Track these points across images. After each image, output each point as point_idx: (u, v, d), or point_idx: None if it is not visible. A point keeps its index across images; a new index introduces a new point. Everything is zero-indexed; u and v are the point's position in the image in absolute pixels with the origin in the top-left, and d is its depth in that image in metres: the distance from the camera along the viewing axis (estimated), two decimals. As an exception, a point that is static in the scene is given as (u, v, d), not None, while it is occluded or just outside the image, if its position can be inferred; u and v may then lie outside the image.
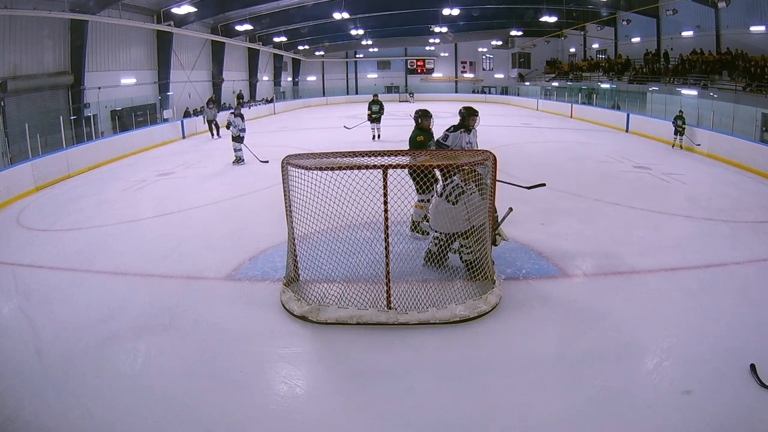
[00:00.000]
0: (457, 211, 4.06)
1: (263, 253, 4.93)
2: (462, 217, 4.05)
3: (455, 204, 4.07)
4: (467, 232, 4.08)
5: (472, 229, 4.04)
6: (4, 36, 10.70)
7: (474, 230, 4.03)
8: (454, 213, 4.07)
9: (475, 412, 2.67)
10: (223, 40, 20.11)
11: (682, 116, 12.01)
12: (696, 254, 4.81)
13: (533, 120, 18.12)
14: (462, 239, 4.15)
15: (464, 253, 4.19)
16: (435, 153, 4.68)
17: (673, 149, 11.68)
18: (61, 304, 4.09)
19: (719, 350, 3.15)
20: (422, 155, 4.30)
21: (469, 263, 4.13)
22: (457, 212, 4.06)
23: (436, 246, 4.27)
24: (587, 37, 24.59)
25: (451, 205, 4.09)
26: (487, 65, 31.43)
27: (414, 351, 3.26)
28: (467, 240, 4.10)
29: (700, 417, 2.59)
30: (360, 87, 32.28)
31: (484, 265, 3.98)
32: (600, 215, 6.14)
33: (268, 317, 3.71)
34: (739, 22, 14.82)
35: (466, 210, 4.04)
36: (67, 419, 2.69)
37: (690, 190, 7.61)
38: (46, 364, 3.21)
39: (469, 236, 4.07)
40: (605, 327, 3.49)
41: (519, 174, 6.20)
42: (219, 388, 2.90)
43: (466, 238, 4.10)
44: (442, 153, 4.63)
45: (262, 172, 8.97)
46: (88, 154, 10.93)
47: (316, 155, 3.97)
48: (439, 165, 4.07)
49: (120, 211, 7.03)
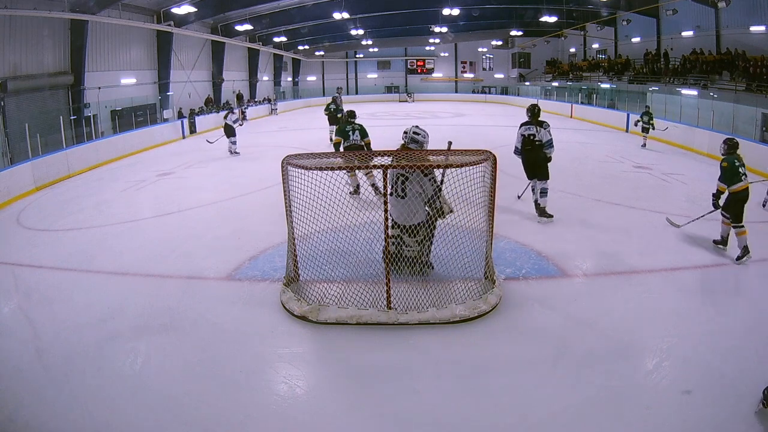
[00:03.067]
0: (406, 204, 4.05)
1: (263, 253, 4.93)
2: (411, 210, 4.04)
3: (404, 197, 4.06)
4: (413, 227, 4.07)
5: (418, 225, 4.06)
6: (4, 36, 10.70)
7: (420, 226, 4.06)
8: (404, 205, 4.06)
9: (475, 412, 2.67)
10: (223, 40, 20.11)
11: (649, 112, 11.93)
12: (696, 254, 4.81)
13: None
14: (406, 235, 4.12)
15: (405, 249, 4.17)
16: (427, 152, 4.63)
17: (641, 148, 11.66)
18: (61, 304, 4.09)
19: (719, 350, 3.15)
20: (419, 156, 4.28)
21: (408, 259, 4.13)
22: (405, 205, 4.05)
23: (393, 245, 4.19)
24: (587, 37, 24.59)
25: (400, 199, 4.08)
26: (487, 65, 31.44)
27: (414, 351, 3.26)
28: (411, 237, 4.10)
29: (700, 417, 2.59)
30: (360, 87, 32.28)
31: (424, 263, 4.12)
32: (600, 215, 6.14)
33: (268, 317, 3.71)
34: (739, 22, 14.81)
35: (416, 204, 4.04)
36: (67, 419, 2.69)
37: (690, 190, 7.61)
38: (46, 364, 3.22)
39: (415, 233, 4.08)
40: (605, 327, 3.49)
41: (519, 174, 6.20)
42: (219, 388, 2.90)
43: (411, 234, 4.09)
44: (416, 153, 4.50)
45: (262, 172, 8.97)
46: (88, 154, 10.94)
47: (316, 155, 3.97)
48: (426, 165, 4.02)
49: (120, 211, 7.03)
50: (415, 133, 4.59)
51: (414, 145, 4.56)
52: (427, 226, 4.09)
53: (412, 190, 4.04)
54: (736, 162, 4.90)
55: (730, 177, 4.85)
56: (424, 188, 4.04)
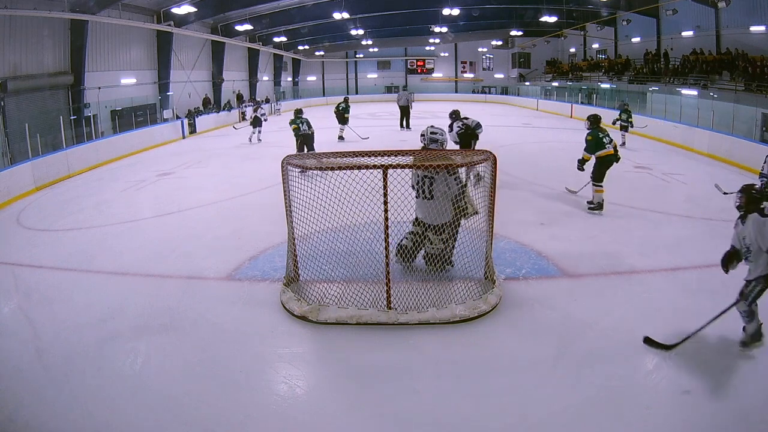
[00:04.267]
0: (434, 205, 4.08)
1: (263, 253, 4.93)
2: (439, 210, 4.07)
3: (431, 198, 4.09)
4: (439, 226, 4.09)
5: (444, 224, 4.08)
6: (4, 36, 10.69)
7: (446, 225, 4.08)
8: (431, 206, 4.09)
9: (475, 412, 2.67)
10: (223, 40, 20.09)
11: (627, 110, 11.83)
12: (696, 254, 4.81)
13: (533, 120, 18.11)
14: (432, 233, 4.14)
15: (428, 246, 4.19)
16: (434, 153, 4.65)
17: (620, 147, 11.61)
18: (61, 304, 4.09)
19: (719, 350, 3.15)
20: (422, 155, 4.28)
21: (431, 256, 4.15)
22: (434, 206, 4.08)
23: (411, 241, 4.26)
24: (587, 37, 24.57)
25: (428, 200, 4.10)
26: (487, 65, 31.41)
27: (414, 351, 3.26)
28: (437, 235, 4.11)
29: (700, 417, 2.59)
30: (360, 87, 32.26)
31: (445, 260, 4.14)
32: (600, 215, 6.14)
33: (268, 317, 3.72)
34: (739, 22, 14.80)
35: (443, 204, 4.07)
36: (67, 419, 2.69)
37: (690, 190, 7.61)
38: (46, 364, 3.22)
39: (441, 231, 4.09)
40: (605, 327, 3.49)
41: (519, 174, 6.19)
42: (219, 388, 2.90)
43: (437, 233, 4.11)
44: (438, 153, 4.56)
45: (262, 172, 8.97)
46: (88, 154, 10.94)
47: (316, 155, 3.97)
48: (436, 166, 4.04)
49: (120, 211, 7.03)
50: (432, 133, 4.63)
51: (434, 145, 4.59)
52: (452, 225, 4.12)
53: (440, 190, 4.06)
54: (600, 134, 6.06)
55: (594, 147, 6.07)
56: (450, 187, 4.06)
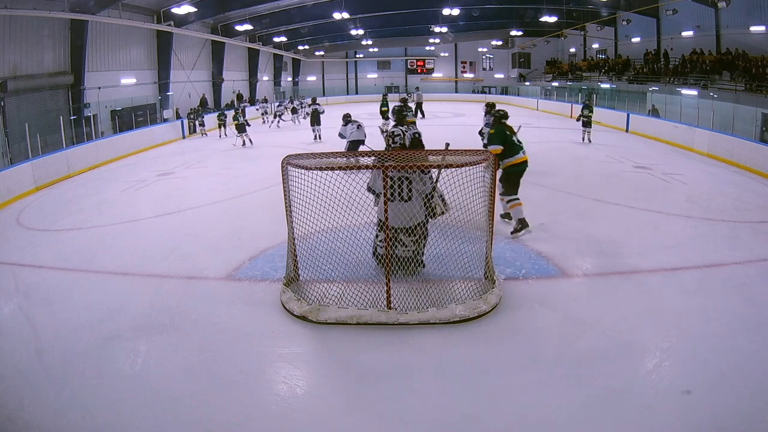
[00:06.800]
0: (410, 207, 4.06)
1: (263, 253, 4.93)
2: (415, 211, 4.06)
3: (409, 200, 4.08)
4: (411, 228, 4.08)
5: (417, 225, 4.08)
6: (4, 36, 10.70)
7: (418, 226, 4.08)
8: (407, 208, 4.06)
9: (475, 412, 2.67)
10: (223, 40, 20.11)
11: (589, 105, 11.81)
12: (696, 254, 4.81)
13: (533, 120, 18.10)
14: (404, 234, 4.11)
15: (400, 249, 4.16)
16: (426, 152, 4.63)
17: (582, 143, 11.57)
18: (61, 304, 4.09)
19: (719, 350, 3.14)
20: (421, 155, 4.29)
21: (403, 259, 4.12)
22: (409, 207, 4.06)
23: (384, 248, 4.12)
24: (587, 37, 24.59)
25: (405, 202, 4.08)
26: (487, 65, 31.43)
27: (414, 351, 3.25)
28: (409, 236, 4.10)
29: (700, 417, 2.59)
30: (360, 87, 32.27)
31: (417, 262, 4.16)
32: (600, 215, 6.14)
33: (268, 317, 3.71)
34: (739, 22, 14.82)
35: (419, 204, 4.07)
36: (67, 419, 2.69)
37: (690, 190, 7.61)
38: (46, 364, 3.21)
39: (412, 232, 4.08)
40: (605, 327, 3.49)
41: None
42: (219, 388, 2.90)
43: (409, 234, 4.09)
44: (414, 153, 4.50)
45: (262, 172, 8.98)
46: (88, 154, 10.94)
47: (316, 155, 3.97)
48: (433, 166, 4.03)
49: (120, 211, 7.03)
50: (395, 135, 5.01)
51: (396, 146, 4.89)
52: (423, 225, 4.14)
53: (417, 189, 4.08)
54: (507, 132, 5.16)
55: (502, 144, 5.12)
56: (425, 186, 4.10)
